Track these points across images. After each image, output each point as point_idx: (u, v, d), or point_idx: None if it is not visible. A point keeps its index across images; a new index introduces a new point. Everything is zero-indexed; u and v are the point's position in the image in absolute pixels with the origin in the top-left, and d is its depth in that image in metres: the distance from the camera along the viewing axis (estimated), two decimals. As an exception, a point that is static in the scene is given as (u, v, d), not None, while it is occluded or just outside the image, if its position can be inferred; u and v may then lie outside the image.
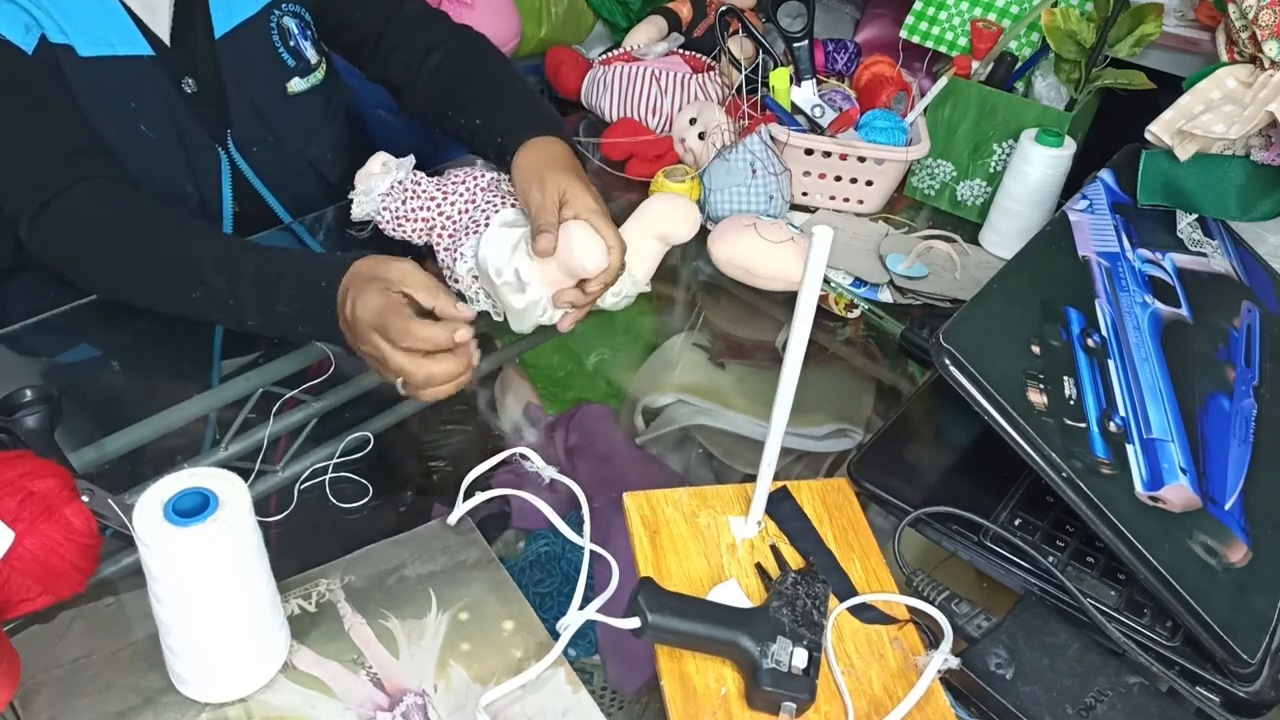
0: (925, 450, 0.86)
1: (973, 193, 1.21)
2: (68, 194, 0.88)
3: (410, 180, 1.01)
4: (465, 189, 0.98)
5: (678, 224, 0.92)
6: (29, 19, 0.90)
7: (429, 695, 0.63)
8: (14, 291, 1.08)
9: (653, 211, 0.93)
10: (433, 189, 0.99)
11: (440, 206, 0.98)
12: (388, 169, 1.02)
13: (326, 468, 0.80)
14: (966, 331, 0.69)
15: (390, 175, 1.01)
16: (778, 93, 1.16)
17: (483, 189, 0.98)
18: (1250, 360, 0.86)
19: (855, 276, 1.08)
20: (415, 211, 0.99)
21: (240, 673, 0.62)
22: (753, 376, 0.97)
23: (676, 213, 0.92)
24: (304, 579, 0.70)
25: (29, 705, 0.61)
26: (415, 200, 0.99)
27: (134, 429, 0.84)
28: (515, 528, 0.77)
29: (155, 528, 0.56)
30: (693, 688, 0.64)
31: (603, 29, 1.65)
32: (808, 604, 0.66)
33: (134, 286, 0.90)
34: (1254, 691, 0.65)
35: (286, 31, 1.07)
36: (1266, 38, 0.91)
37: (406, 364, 0.75)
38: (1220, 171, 0.92)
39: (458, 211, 0.97)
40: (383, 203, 1.01)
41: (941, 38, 1.23)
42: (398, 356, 0.75)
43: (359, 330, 0.77)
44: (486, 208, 0.95)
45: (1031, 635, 0.67)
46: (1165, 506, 0.69)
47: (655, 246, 0.93)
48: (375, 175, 1.02)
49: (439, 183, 1.00)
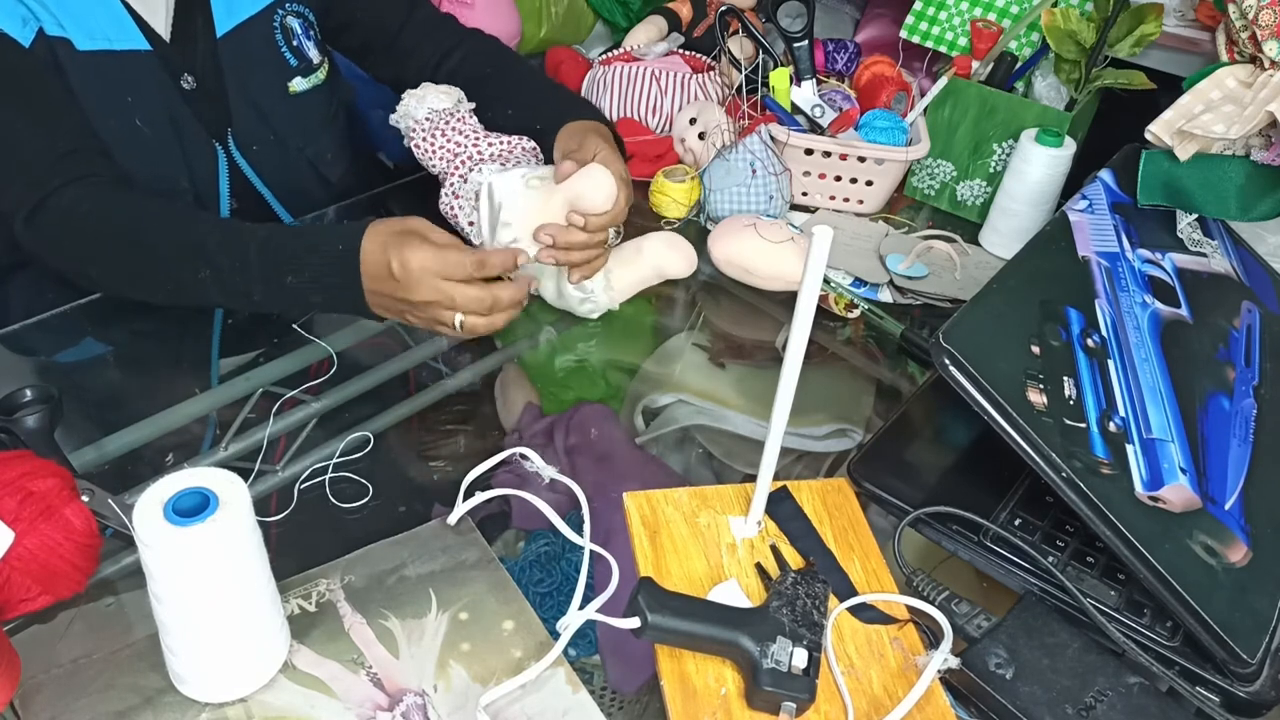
0: (925, 450, 0.86)
1: (973, 193, 1.21)
2: (63, 192, 0.88)
3: (469, 111, 1.05)
4: (506, 144, 1.03)
5: (676, 262, 1.00)
6: (26, 12, 0.90)
7: (429, 695, 0.63)
8: (13, 291, 1.08)
9: (653, 249, 1.00)
10: (480, 129, 1.04)
11: (477, 144, 1.02)
12: (450, 94, 1.06)
13: (326, 468, 0.80)
14: (966, 331, 0.69)
15: (451, 98, 1.05)
16: (778, 93, 1.17)
17: (524, 149, 1.03)
18: (1250, 360, 0.86)
19: (855, 276, 1.08)
20: (454, 135, 1.02)
21: (240, 673, 0.62)
22: (753, 376, 0.97)
23: (677, 252, 1.00)
24: (304, 579, 0.70)
25: (29, 705, 0.61)
26: (463, 124, 1.03)
27: (134, 429, 0.84)
28: (515, 528, 0.77)
29: (155, 528, 0.56)
30: (693, 688, 0.64)
31: (603, 29, 1.65)
32: (808, 604, 0.66)
33: (133, 278, 0.89)
34: (1254, 691, 0.65)
35: (290, 31, 1.07)
36: (1266, 38, 0.91)
37: (476, 292, 0.81)
38: (1220, 171, 0.92)
39: (493, 154, 1.01)
40: (429, 115, 1.04)
41: (941, 38, 1.23)
42: (465, 289, 0.81)
43: (417, 280, 0.80)
44: (521, 158, 1.01)
45: (1031, 635, 0.67)
46: (1165, 506, 0.69)
47: (646, 274, 1.00)
48: (439, 94, 1.06)
49: (485, 130, 1.04)
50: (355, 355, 0.93)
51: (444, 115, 1.03)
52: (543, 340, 1.00)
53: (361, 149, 1.31)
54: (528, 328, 1.00)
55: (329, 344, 0.93)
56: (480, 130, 1.03)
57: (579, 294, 0.97)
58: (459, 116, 1.03)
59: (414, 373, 0.94)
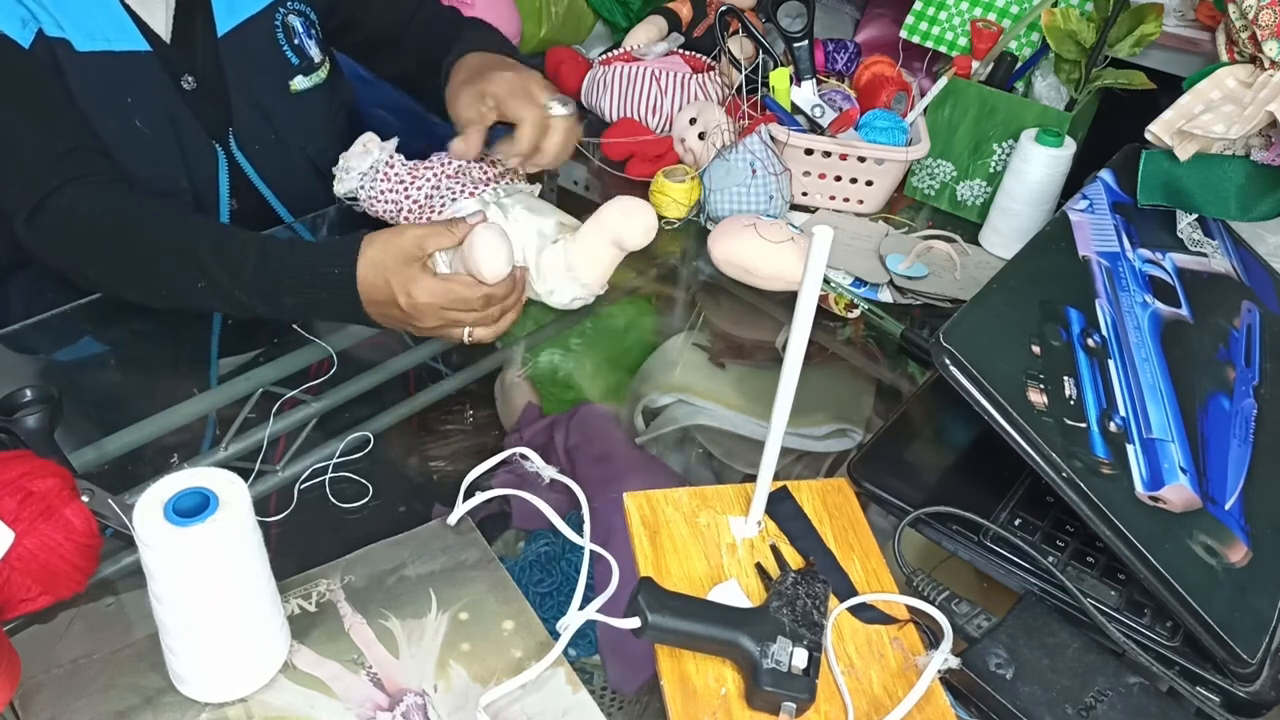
0: (925, 450, 0.86)
1: (973, 193, 1.21)
2: (62, 192, 0.88)
3: (384, 163, 1.02)
4: (432, 174, 1.00)
5: (630, 230, 0.91)
6: (26, 13, 0.90)
7: (429, 695, 0.63)
8: (14, 291, 1.08)
9: (607, 215, 0.92)
10: (404, 173, 1.01)
11: (407, 190, 1.00)
12: (368, 150, 1.03)
13: (326, 468, 0.80)
14: (966, 331, 0.69)
15: (370, 156, 1.02)
16: (778, 93, 1.16)
17: (448, 175, 0.99)
18: (1250, 360, 0.86)
19: (855, 276, 1.08)
20: (385, 193, 1.01)
21: (240, 673, 0.62)
22: (753, 376, 0.97)
23: (630, 219, 0.91)
24: (304, 579, 0.70)
25: (29, 705, 0.61)
26: (385, 182, 1.01)
27: (134, 429, 0.84)
28: (515, 528, 0.77)
29: (155, 528, 0.56)
30: (693, 688, 0.64)
31: (603, 29, 1.65)
32: (808, 604, 0.66)
33: (131, 280, 0.89)
34: (1254, 691, 0.65)
35: (291, 30, 1.07)
36: (1266, 38, 0.91)
37: (479, 318, 0.86)
38: (1220, 171, 0.92)
39: (424, 196, 0.99)
40: (360, 182, 1.02)
41: (941, 38, 1.23)
42: (469, 315, 0.86)
43: (424, 311, 0.84)
44: (446, 195, 0.97)
45: (1031, 635, 0.67)
46: (1165, 506, 0.69)
47: (610, 252, 0.93)
48: (355, 155, 1.04)
49: (411, 167, 1.01)
50: (355, 355, 0.93)
51: (375, 171, 1.01)
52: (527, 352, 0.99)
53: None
54: (527, 327, 1.00)
55: (329, 344, 0.92)
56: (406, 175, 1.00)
57: (564, 299, 0.94)
58: (389, 162, 1.01)
59: (414, 373, 0.94)
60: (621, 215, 0.91)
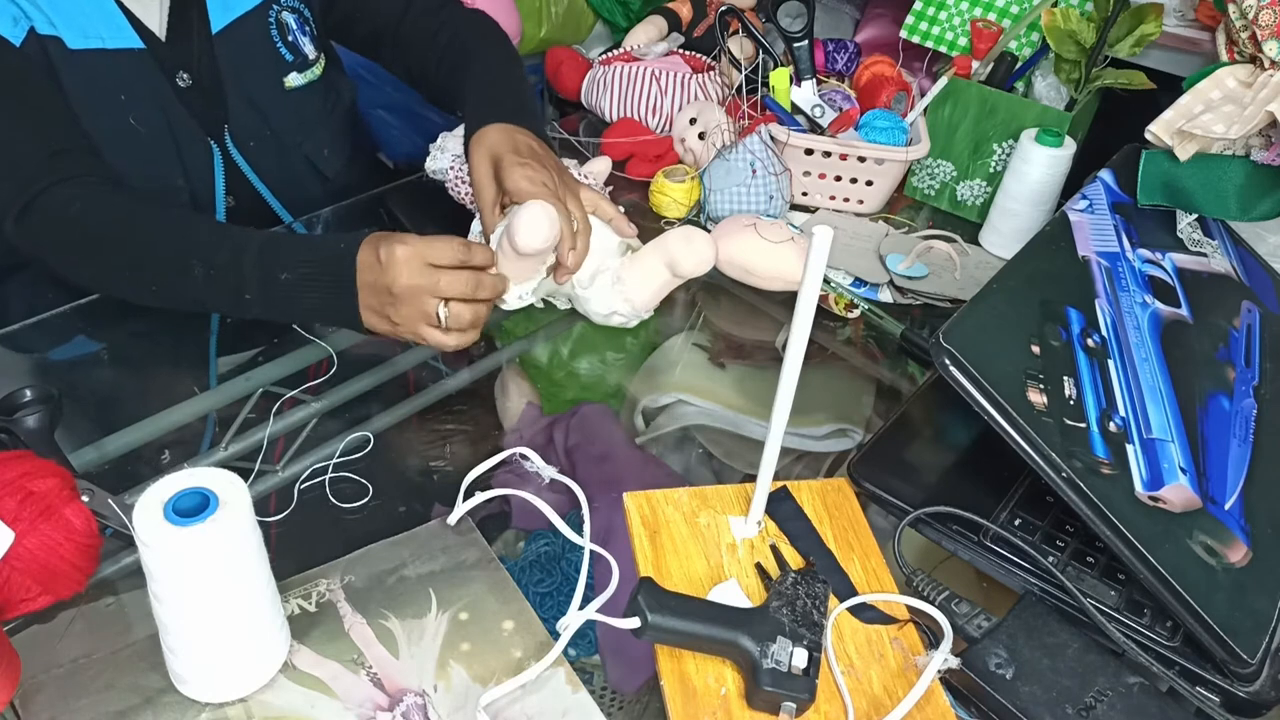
0: (925, 450, 0.86)
1: (973, 193, 1.21)
2: (53, 192, 0.88)
3: None
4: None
5: (686, 257, 0.93)
6: (17, 10, 0.90)
7: (429, 695, 0.63)
8: (13, 291, 1.08)
9: (669, 239, 0.94)
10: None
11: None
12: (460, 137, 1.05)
13: (326, 468, 0.80)
14: (966, 331, 0.69)
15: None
16: (778, 93, 1.16)
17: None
18: (1250, 360, 0.86)
19: (855, 276, 1.08)
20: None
21: (240, 673, 0.62)
22: (753, 376, 0.97)
23: (690, 245, 0.93)
24: (304, 579, 0.70)
25: (29, 705, 0.61)
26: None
27: (134, 429, 0.84)
28: (515, 528, 0.77)
29: (155, 528, 0.56)
30: (693, 688, 0.64)
31: (603, 29, 1.65)
32: (808, 604, 0.66)
33: (123, 278, 0.88)
34: (1254, 691, 0.65)
35: (285, 26, 1.07)
36: (1266, 38, 0.91)
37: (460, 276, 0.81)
38: (1220, 171, 0.92)
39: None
40: (452, 162, 1.04)
41: (941, 38, 1.23)
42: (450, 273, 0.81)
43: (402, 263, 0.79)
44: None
45: (1031, 635, 0.67)
46: (1165, 506, 0.69)
47: (663, 275, 0.94)
48: (453, 136, 1.06)
49: None
50: (355, 355, 0.93)
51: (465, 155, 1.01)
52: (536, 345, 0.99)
53: (362, 149, 1.31)
54: (527, 327, 1.00)
55: (329, 344, 0.93)
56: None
57: (602, 310, 0.95)
58: None
59: (414, 373, 0.94)
60: (683, 241, 0.93)
